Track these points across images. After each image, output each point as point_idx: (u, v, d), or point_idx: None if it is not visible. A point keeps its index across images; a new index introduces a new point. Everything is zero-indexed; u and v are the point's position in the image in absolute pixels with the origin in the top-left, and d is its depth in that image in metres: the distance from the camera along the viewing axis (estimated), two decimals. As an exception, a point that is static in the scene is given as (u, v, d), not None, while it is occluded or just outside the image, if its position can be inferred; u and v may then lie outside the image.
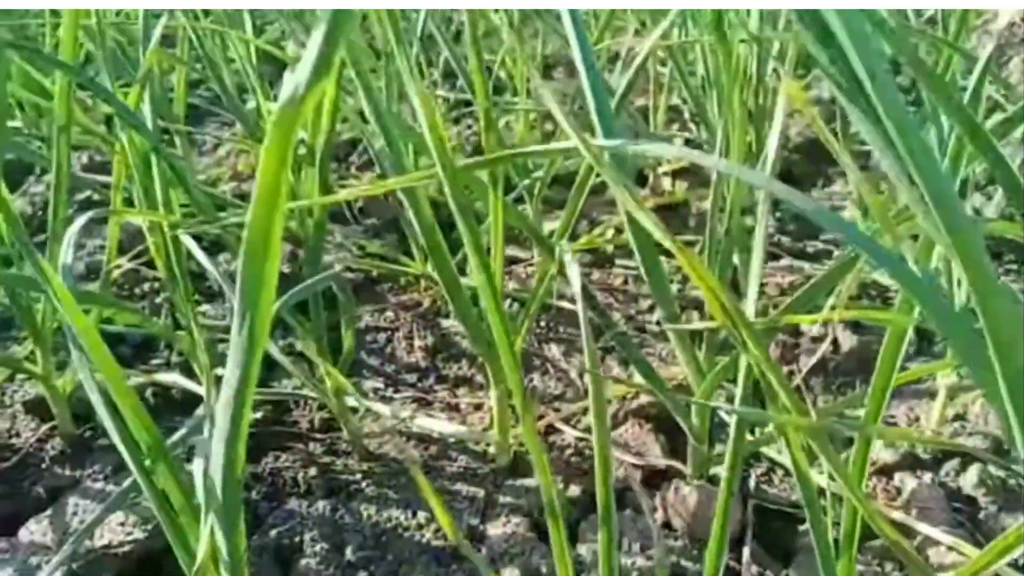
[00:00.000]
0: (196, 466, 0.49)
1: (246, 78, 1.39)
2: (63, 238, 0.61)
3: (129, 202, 1.02)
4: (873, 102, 0.38)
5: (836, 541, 0.62)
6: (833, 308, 1.04)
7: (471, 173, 0.90)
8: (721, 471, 0.89)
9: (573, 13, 0.73)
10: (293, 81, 0.31)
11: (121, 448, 0.55)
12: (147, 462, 0.54)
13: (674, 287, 1.21)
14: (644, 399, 0.93)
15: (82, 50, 1.39)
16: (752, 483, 0.88)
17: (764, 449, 0.89)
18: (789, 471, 0.89)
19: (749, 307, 0.60)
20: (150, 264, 1.22)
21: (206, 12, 1.32)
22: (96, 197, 1.39)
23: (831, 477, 0.64)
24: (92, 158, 1.52)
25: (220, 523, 0.45)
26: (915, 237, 0.56)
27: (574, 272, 0.66)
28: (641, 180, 1.49)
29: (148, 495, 0.55)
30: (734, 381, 1.02)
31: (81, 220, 0.60)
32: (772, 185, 0.41)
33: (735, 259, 1.09)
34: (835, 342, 1.10)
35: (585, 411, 0.96)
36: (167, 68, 1.39)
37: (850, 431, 0.82)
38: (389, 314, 1.18)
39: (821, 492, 0.88)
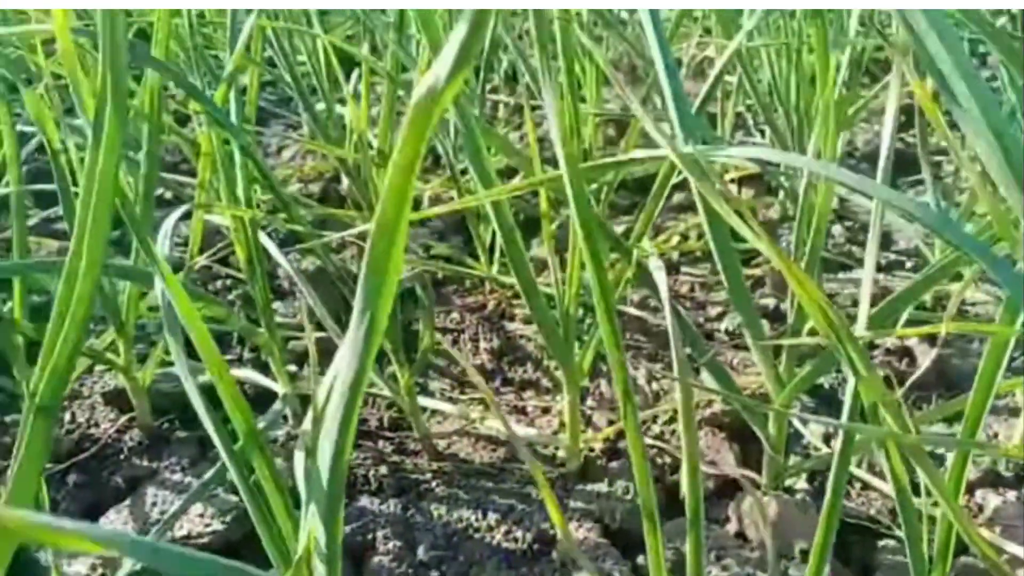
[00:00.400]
0: (297, 458, 0.49)
1: (315, 78, 1.41)
2: (156, 231, 0.62)
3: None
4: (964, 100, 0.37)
5: (930, 558, 0.60)
6: (913, 322, 1.02)
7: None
8: (797, 482, 0.88)
9: (654, 16, 0.73)
10: (431, 75, 0.30)
11: (215, 438, 0.55)
12: (244, 452, 0.54)
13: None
14: (717, 407, 0.92)
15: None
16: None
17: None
18: (867, 484, 0.88)
19: (861, 320, 0.59)
20: (221, 262, 1.25)
21: (275, 14, 1.34)
22: (168, 195, 1.42)
23: (924, 492, 0.63)
24: (161, 157, 1.56)
25: (322, 513, 0.45)
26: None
27: (660, 277, 0.65)
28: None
29: (239, 485, 0.56)
30: (811, 392, 1.01)
31: (176, 213, 0.61)
32: (897, 196, 0.40)
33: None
34: (911, 356, 1.07)
35: (654, 418, 0.96)
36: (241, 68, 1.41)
37: (949, 446, 0.80)
38: (455, 316, 1.18)
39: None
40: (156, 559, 0.27)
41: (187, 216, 1.02)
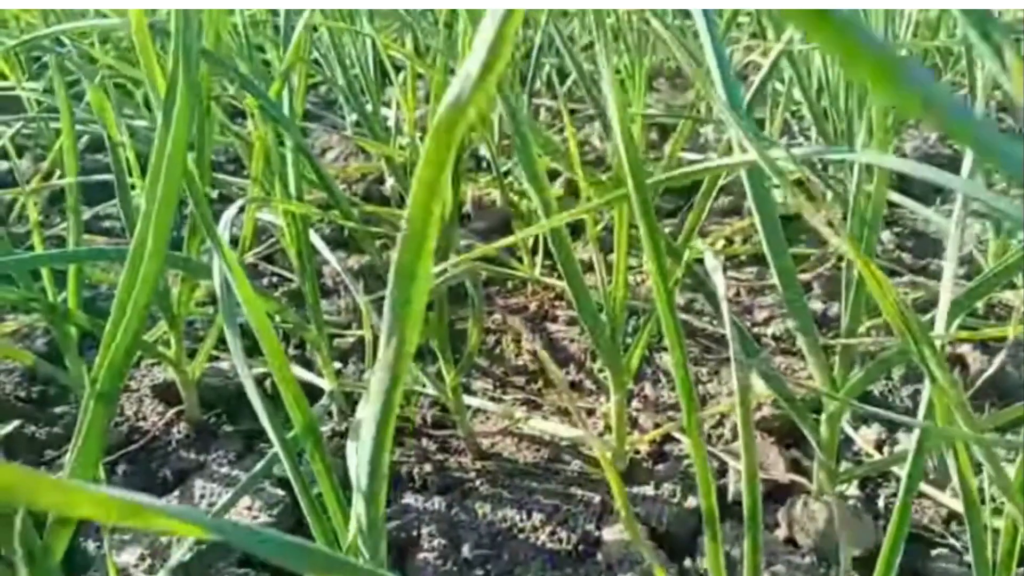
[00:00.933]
0: (350, 448, 0.49)
1: (362, 79, 1.42)
2: (212, 226, 0.62)
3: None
4: None
5: (993, 565, 0.58)
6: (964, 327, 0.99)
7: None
8: (848, 488, 0.86)
9: (708, 18, 0.72)
10: (456, 84, 0.28)
11: (270, 431, 0.56)
12: (296, 445, 0.55)
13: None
14: (767, 411, 0.90)
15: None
16: (881, 503, 0.85)
17: (895, 469, 0.86)
18: (921, 492, 0.86)
19: (939, 325, 0.57)
20: (267, 259, 1.26)
21: (323, 13, 1.36)
22: (212, 194, 1.43)
23: (987, 501, 0.61)
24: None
25: (364, 495, 0.45)
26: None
27: (719, 279, 0.64)
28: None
29: (292, 477, 0.56)
30: (861, 398, 0.99)
31: (236, 206, 0.61)
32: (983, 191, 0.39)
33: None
34: (963, 363, 1.05)
35: (701, 422, 0.94)
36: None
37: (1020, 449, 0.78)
38: (497, 316, 1.18)
39: (954, 516, 0.85)
40: (231, 535, 0.27)
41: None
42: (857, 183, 0.81)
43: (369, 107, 1.42)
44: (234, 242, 1.23)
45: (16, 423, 0.91)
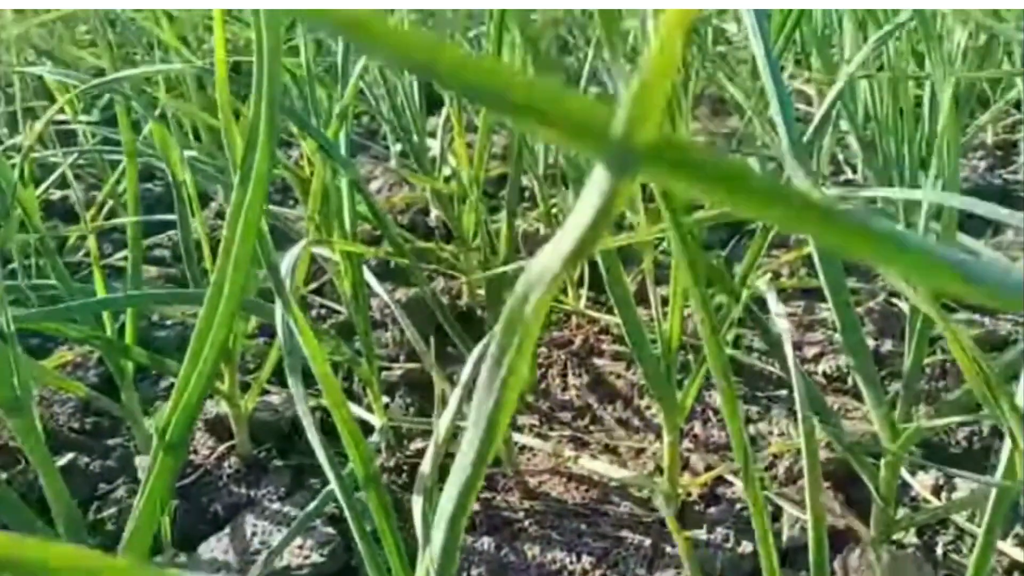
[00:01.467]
0: (415, 500, 0.49)
1: (408, 110, 1.43)
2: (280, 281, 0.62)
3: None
4: None
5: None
6: None
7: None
8: (905, 536, 0.84)
9: (765, 42, 0.71)
10: (539, 264, 0.28)
11: (329, 474, 0.56)
12: (353, 483, 0.55)
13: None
14: (822, 455, 0.89)
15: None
16: (940, 551, 0.83)
17: (955, 517, 0.84)
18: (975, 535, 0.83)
19: (1021, 390, 0.55)
20: (316, 292, 1.27)
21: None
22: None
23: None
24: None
25: (439, 559, 0.45)
26: None
27: (784, 324, 0.63)
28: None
29: (351, 518, 0.56)
30: (921, 444, 0.96)
31: (297, 248, 0.62)
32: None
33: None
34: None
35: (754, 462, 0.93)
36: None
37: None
38: (542, 350, 1.17)
39: (1016, 565, 0.82)
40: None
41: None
42: (924, 224, 0.80)
43: (415, 137, 1.43)
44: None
45: (70, 456, 0.92)
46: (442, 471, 0.76)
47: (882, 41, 0.88)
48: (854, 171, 1.65)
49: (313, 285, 1.26)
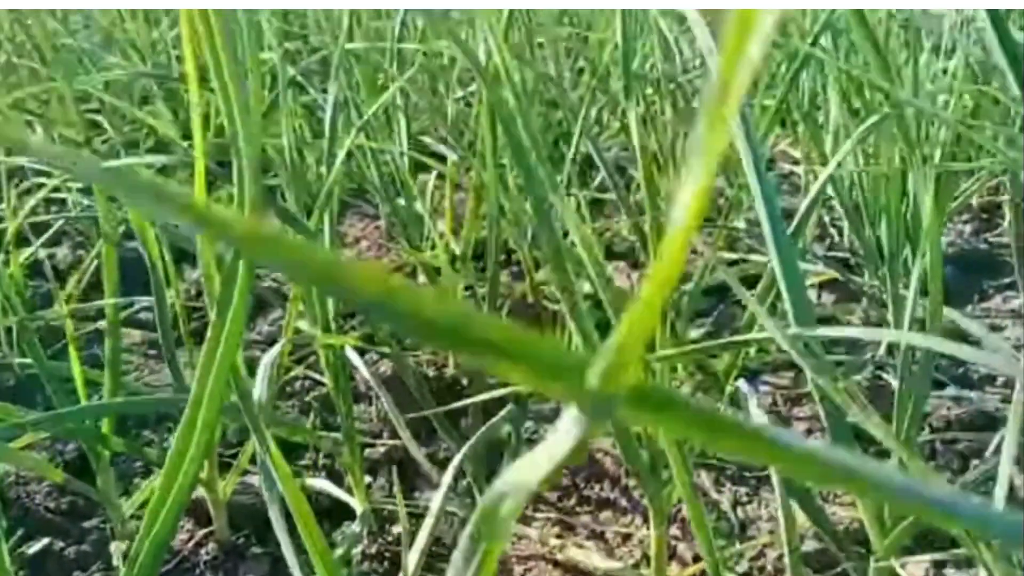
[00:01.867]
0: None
1: (396, 174, 1.43)
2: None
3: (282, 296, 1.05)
4: None
5: None
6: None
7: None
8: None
9: (748, 132, 0.71)
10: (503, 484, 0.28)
11: (293, 565, 0.54)
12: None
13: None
14: (810, 545, 0.87)
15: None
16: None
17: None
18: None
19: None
20: (298, 361, 1.25)
21: (365, 133, 1.38)
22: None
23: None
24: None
25: None
26: None
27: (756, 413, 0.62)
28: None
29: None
30: (925, 542, 0.95)
31: (273, 351, 0.61)
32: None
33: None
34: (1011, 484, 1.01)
35: (741, 553, 0.92)
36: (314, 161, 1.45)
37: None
38: (529, 424, 1.16)
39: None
40: None
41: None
42: (912, 300, 0.79)
43: (402, 201, 1.43)
44: (267, 343, 1.23)
45: (45, 541, 0.90)
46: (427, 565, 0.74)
47: (868, 132, 0.88)
48: (840, 234, 1.65)
49: (296, 356, 1.25)
